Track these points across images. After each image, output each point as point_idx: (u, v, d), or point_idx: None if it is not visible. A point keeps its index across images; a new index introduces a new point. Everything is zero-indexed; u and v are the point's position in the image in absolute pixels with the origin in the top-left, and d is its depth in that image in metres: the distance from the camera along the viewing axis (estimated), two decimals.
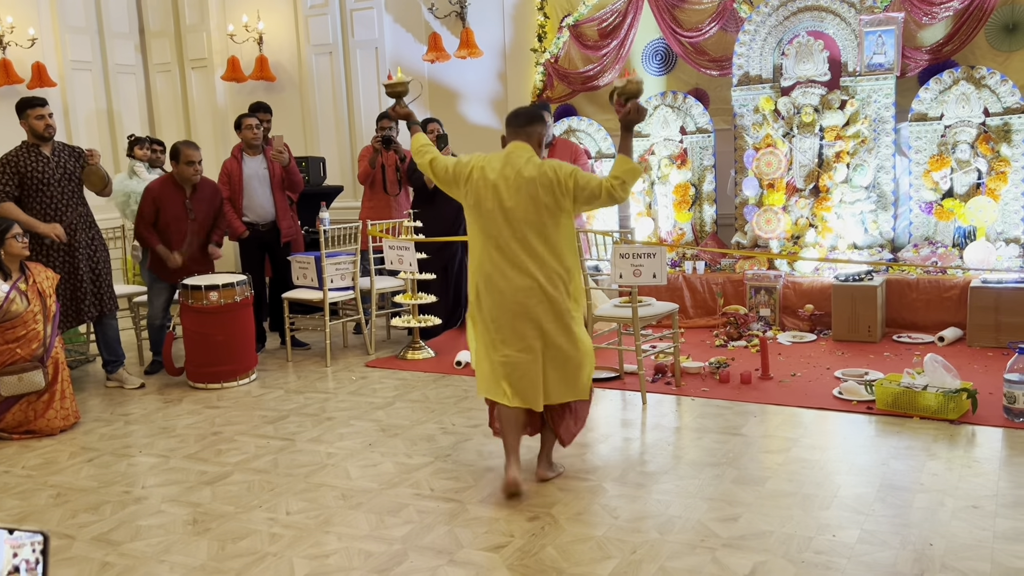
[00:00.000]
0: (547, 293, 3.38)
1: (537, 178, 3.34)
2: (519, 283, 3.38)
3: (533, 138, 3.46)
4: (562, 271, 3.41)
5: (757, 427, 4.22)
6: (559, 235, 3.40)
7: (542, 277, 3.37)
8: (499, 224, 3.40)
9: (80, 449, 4.42)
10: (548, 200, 3.34)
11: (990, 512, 3.13)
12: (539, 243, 3.37)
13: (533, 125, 3.48)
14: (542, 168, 3.36)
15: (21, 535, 0.89)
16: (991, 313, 5.46)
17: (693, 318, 6.43)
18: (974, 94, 5.95)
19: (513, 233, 3.38)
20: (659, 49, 7.20)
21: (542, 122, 3.50)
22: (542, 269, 3.38)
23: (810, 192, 6.41)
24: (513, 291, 3.39)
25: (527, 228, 3.36)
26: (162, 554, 3.14)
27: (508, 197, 3.37)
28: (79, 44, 7.81)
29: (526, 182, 3.34)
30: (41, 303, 4.71)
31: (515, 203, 3.36)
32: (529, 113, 3.54)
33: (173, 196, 5.67)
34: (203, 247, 5.84)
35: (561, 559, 2.94)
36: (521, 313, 3.40)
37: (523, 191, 3.34)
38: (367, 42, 7.96)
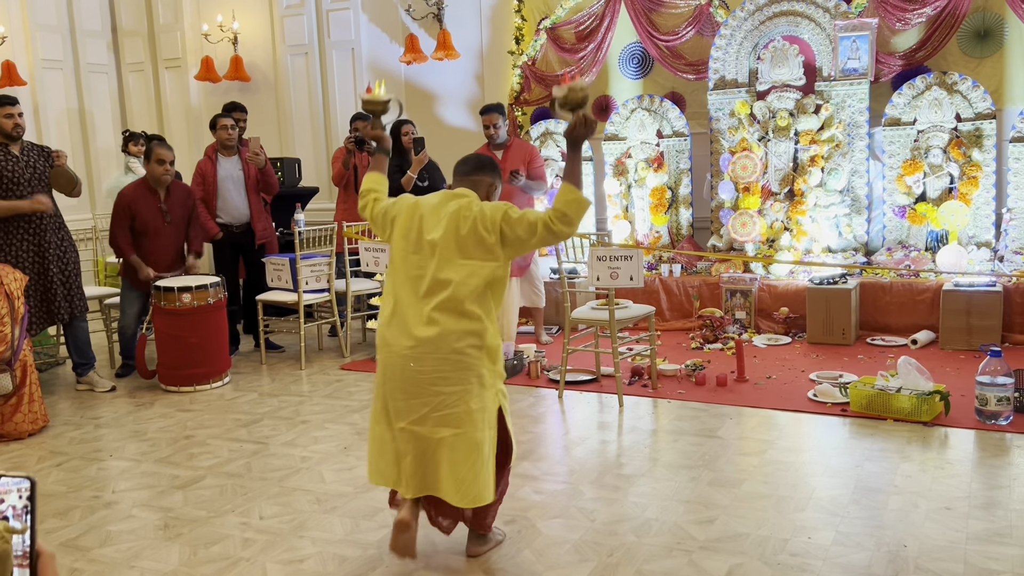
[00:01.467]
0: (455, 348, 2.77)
1: (460, 210, 2.81)
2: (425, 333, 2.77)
3: (480, 187, 2.95)
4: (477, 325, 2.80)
5: (733, 429, 4.23)
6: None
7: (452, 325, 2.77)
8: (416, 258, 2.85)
9: (49, 453, 4.34)
10: (468, 235, 2.77)
11: (963, 513, 3.15)
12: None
13: (481, 174, 2.98)
14: (471, 205, 2.83)
15: (7, 481, 0.87)
16: (963, 316, 5.51)
17: (669, 321, 6.44)
18: (946, 99, 6.02)
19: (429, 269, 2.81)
20: (636, 53, 7.22)
21: (491, 172, 3.00)
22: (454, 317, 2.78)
23: (785, 196, 6.45)
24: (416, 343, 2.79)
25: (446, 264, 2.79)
26: (132, 560, 3.09)
27: (430, 229, 2.83)
28: (50, 42, 7.71)
29: (449, 214, 2.81)
30: (9, 305, 4.62)
31: (438, 235, 2.81)
32: (478, 161, 3.03)
33: (147, 200, 5.59)
34: (179, 254, 5.77)
35: (537, 562, 2.93)
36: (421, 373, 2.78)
37: (445, 222, 2.81)
38: (343, 43, 7.91)
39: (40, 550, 0.87)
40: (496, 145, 6.00)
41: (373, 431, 2.91)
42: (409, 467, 2.80)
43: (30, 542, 0.86)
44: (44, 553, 0.87)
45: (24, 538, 0.86)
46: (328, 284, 6.03)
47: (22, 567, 0.86)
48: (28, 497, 0.87)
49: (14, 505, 0.86)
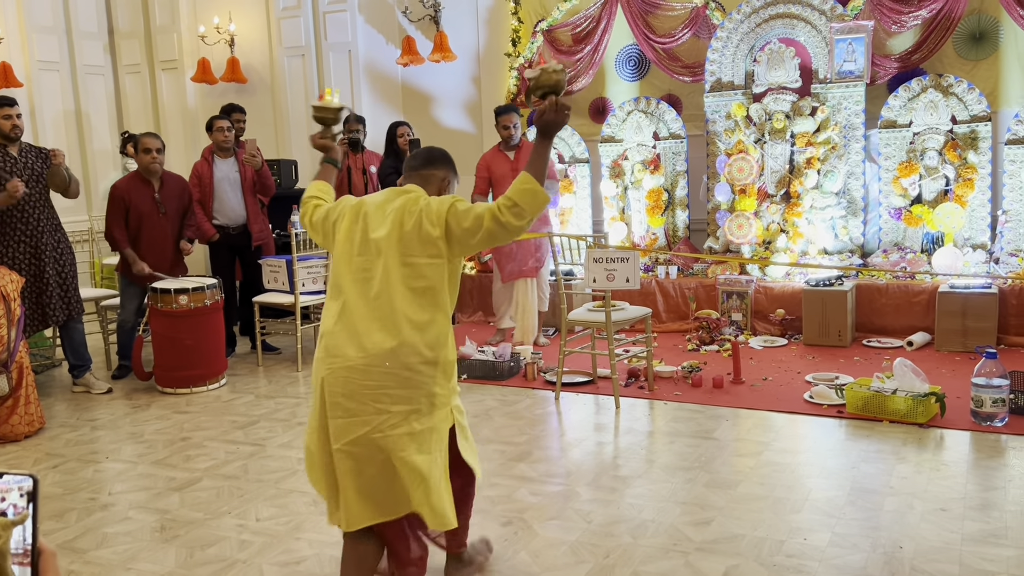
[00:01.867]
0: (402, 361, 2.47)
1: (406, 205, 2.54)
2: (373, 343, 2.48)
3: (431, 183, 2.68)
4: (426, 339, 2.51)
5: (729, 431, 4.24)
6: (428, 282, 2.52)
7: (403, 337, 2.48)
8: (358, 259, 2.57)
9: (45, 455, 4.34)
10: (412, 231, 2.50)
11: (958, 515, 3.16)
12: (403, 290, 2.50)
13: (432, 167, 2.71)
14: (418, 199, 2.57)
15: (8, 479, 0.87)
16: (958, 318, 5.53)
17: (666, 322, 6.45)
18: (942, 102, 6.04)
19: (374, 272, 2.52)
20: (632, 55, 7.23)
21: (444, 165, 2.73)
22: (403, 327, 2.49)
23: (781, 198, 6.46)
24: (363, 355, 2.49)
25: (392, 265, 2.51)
26: (129, 562, 3.09)
27: (375, 227, 2.56)
28: (46, 44, 7.69)
29: (395, 210, 2.54)
30: (5, 307, 4.62)
31: (383, 233, 2.54)
32: (428, 154, 2.76)
33: (141, 191, 5.59)
34: (175, 246, 5.77)
35: (534, 564, 2.93)
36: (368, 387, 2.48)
37: (390, 219, 2.54)
38: (340, 44, 7.91)
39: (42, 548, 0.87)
40: (510, 146, 6.02)
41: (307, 443, 2.65)
42: (352, 497, 2.49)
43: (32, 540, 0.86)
44: (46, 551, 0.87)
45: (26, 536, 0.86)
46: (324, 286, 6.03)
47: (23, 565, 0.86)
48: (29, 493, 0.87)
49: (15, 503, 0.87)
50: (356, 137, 6.31)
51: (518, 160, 5.97)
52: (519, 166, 5.93)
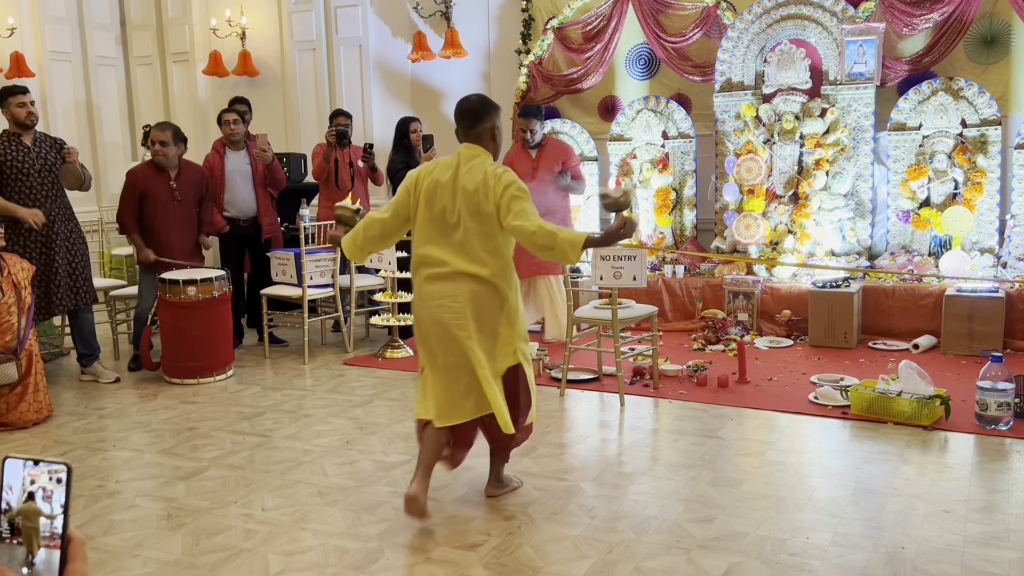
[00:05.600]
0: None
1: (480, 188, 3.15)
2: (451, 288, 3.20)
3: (484, 138, 3.26)
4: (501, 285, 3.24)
5: (733, 430, 4.25)
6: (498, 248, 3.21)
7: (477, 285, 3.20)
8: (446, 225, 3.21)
9: (53, 443, 4.37)
10: (489, 209, 3.15)
11: (961, 517, 3.17)
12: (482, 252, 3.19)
13: (481, 123, 3.25)
14: (485, 177, 3.16)
15: (43, 466, 0.89)
16: (965, 321, 5.52)
17: (672, 322, 6.46)
18: (952, 105, 6.03)
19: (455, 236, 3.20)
20: (643, 54, 7.23)
21: (488, 114, 3.25)
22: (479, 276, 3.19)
23: (789, 199, 6.46)
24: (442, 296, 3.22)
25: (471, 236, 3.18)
26: (135, 548, 3.12)
27: (453, 202, 3.20)
28: (59, 35, 7.73)
29: (470, 193, 3.16)
30: (16, 295, 4.65)
31: (458, 210, 3.18)
32: (473, 112, 3.27)
33: (157, 179, 5.60)
34: (193, 234, 5.78)
35: (537, 558, 2.95)
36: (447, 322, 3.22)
37: (467, 201, 3.17)
38: (351, 39, 7.93)
39: (71, 535, 0.89)
40: (531, 146, 6.05)
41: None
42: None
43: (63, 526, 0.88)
44: (75, 539, 0.90)
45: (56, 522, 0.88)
46: (332, 279, 6.06)
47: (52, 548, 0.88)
48: (63, 482, 0.89)
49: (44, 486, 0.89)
50: (344, 130, 6.30)
51: (539, 159, 6.02)
52: (539, 165, 5.98)
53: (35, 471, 0.89)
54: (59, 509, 0.88)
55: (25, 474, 0.89)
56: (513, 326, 3.23)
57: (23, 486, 0.89)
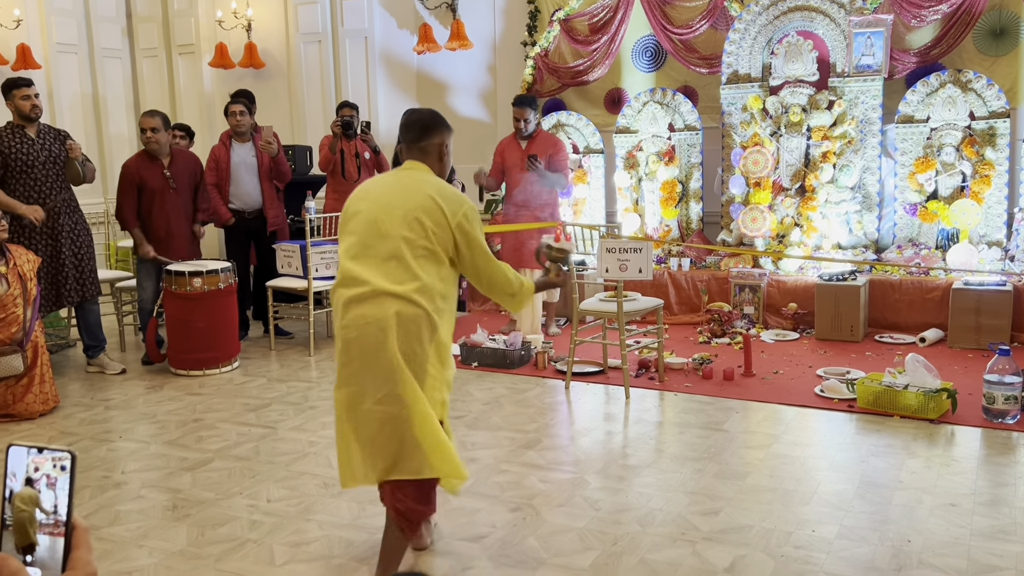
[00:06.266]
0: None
1: (427, 202, 2.64)
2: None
3: (430, 153, 2.77)
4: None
5: (739, 423, 4.24)
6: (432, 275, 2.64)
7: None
8: (368, 234, 2.65)
9: (59, 433, 4.38)
10: (431, 224, 2.63)
11: (968, 510, 3.16)
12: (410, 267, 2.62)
13: (428, 137, 2.76)
14: (440, 192, 2.67)
15: (47, 454, 0.89)
16: (972, 315, 5.50)
17: (677, 314, 6.45)
18: (960, 97, 5.99)
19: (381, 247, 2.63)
20: (649, 46, 7.20)
21: (438, 131, 2.78)
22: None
23: (796, 191, 6.43)
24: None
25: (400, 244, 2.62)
26: (141, 539, 3.13)
27: (388, 212, 2.65)
28: (65, 27, 7.73)
29: (411, 206, 2.64)
30: (21, 286, 4.66)
31: (393, 220, 2.64)
32: (423, 121, 2.79)
33: (151, 168, 5.60)
34: (188, 222, 5.78)
35: (542, 550, 2.95)
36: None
37: (406, 211, 2.64)
38: (357, 31, 7.92)
39: (76, 523, 0.89)
40: (523, 136, 6.03)
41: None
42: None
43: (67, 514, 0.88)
44: (79, 526, 0.89)
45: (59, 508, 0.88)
46: (336, 272, 6.04)
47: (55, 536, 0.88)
48: (67, 469, 0.89)
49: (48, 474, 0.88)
50: (349, 120, 6.28)
51: (529, 150, 5.99)
52: (529, 156, 5.95)
53: (39, 459, 0.89)
54: (63, 497, 0.88)
55: (29, 462, 0.89)
56: (442, 366, 2.66)
57: (27, 474, 0.89)
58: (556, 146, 6.09)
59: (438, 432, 2.59)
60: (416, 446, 2.57)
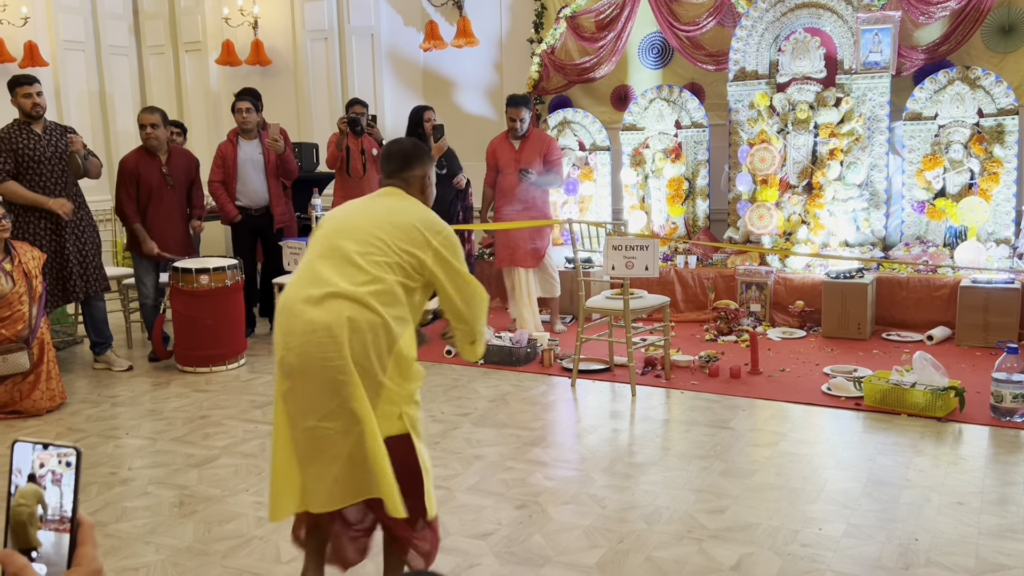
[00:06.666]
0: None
1: (406, 220, 2.45)
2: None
3: (413, 184, 2.59)
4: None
5: (745, 421, 4.23)
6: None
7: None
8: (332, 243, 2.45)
9: (66, 430, 4.39)
10: (405, 242, 2.41)
11: (975, 508, 3.14)
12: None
13: (410, 169, 2.59)
14: (423, 215, 2.50)
15: (53, 450, 0.89)
16: (980, 313, 5.48)
17: (684, 312, 6.43)
18: (969, 94, 5.96)
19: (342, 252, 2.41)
20: (656, 42, 7.19)
21: (420, 162, 2.61)
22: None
23: (803, 189, 6.41)
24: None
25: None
26: (148, 535, 3.13)
27: (359, 218, 2.49)
28: (72, 24, 7.75)
29: (386, 216, 2.46)
30: (27, 284, 4.67)
31: (364, 224, 2.45)
32: (404, 152, 2.62)
33: (149, 165, 5.62)
34: (184, 220, 5.79)
35: (548, 547, 2.94)
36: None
37: (378, 219, 2.46)
38: (363, 28, 7.92)
39: (81, 519, 0.89)
40: (516, 136, 6.01)
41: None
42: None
43: (72, 510, 0.88)
44: (84, 522, 0.89)
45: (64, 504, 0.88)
46: None
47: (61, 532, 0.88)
48: (73, 465, 0.89)
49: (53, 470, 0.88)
50: (356, 117, 6.28)
51: (522, 150, 5.97)
52: (522, 156, 5.94)
53: (44, 455, 0.89)
54: (69, 493, 0.88)
55: (34, 457, 0.89)
56: (403, 379, 2.39)
57: (32, 470, 0.89)
58: (549, 145, 6.04)
59: (385, 456, 2.30)
60: (366, 466, 2.29)
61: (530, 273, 6.04)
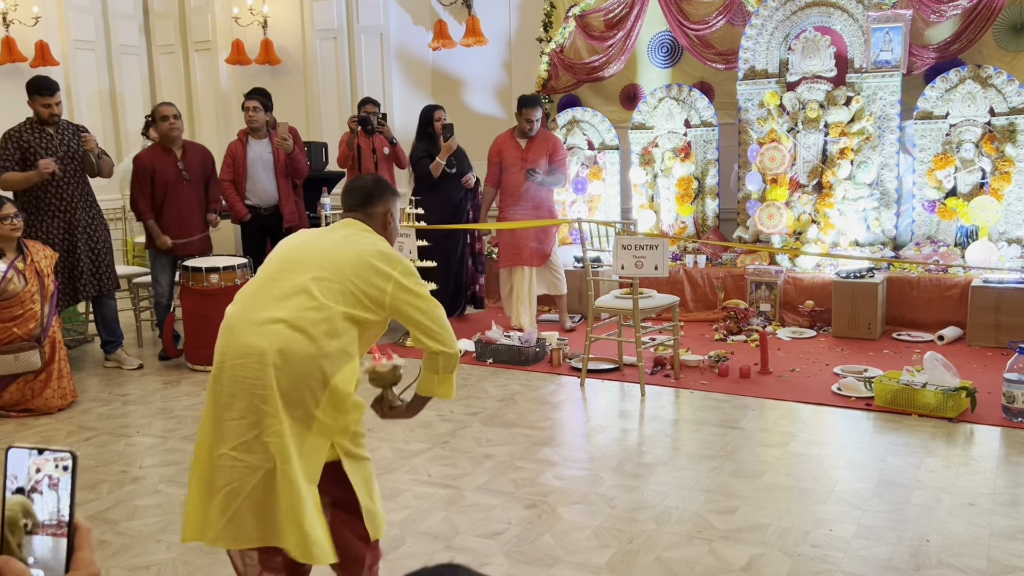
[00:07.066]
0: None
1: (364, 255, 2.34)
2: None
3: (375, 219, 2.51)
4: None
5: (755, 421, 4.22)
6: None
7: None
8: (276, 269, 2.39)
9: (78, 428, 4.41)
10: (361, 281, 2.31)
11: (987, 510, 3.13)
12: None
13: (372, 205, 2.51)
14: (380, 251, 2.38)
15: (48, 454, 0.89)
16: (991, 313, 5.45)
17: (693, 312, 6.42)
18: (980, 93, 5.94)
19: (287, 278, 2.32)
20: (665, 41, 7.17)
21: (383, 198, 2.53)
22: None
23: (813, 188, 6.39)
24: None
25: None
26: (159, 533, 3.14)
27: (307, 253, 2.39)
28: (83, 24, 7.78)
29: (340, 253, 2.36)
30: (39, 283, 4.69)
31: (311, 260, 2.35)
32: (365, 191, 2.54)
33: (164, 160, 5.64)
34: (202, 213, 5.81)
35: (558, 547, 2.94)
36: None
37: (327, 255, 2.35)
38: (372, 28, 7.92)
39: (78, 524, 0.89)
40: (524, 136, 6.02)
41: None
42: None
43: (69, 514, 0.88)
44: (82, 527, 0.89)
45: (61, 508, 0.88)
46: None
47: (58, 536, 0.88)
48: (69, 469, 0.88)
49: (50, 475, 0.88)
50: (367, 116, 6.30)
51: (528, 150, 5.97)
52: (528, 155, 5.95)
53: (40, 460, 0.88)
54: (65, 497, 0.88)
55: (30, 463, 0.88)
56: (338, 413, 2.24)
57: (29, 475, 0.88)
58: (555, 145, 6.07)
59: (299, 504, 2.17)
60: (267, 511, 2.18)
61: (534, 272, 6.05)
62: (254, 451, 2.19)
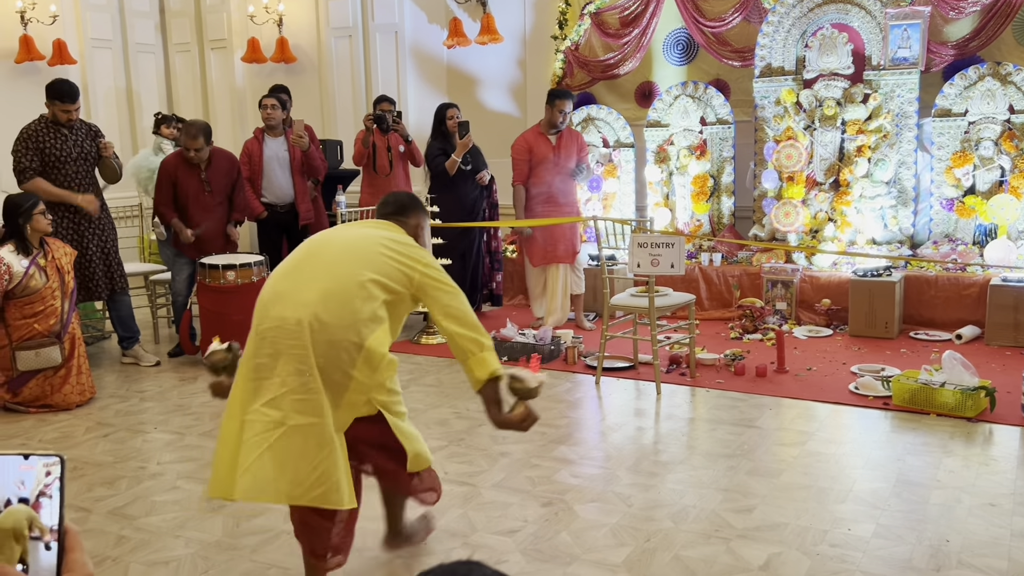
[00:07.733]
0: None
1: (392, 247, 2.55)
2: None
3: (408, 227, 2.69)
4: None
5: (772, 420, 4.21)
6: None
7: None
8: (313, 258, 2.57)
9: (96, 424, 4.44)
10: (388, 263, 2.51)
11: (1007, 510, 3.11)
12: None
13: (405, 216, 2.71)
14: (409, 247, 2.59)
15: (35, 460, 0.88)
16: (1010, 312, 5.41)
17: (708, 310, 6.40)
18: (999, 90, 5.89)
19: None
20: (681, 39, 7.15)
21: (415, 213, 2.74)
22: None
23: (830, 186, 6.36)
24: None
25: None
26: (177, 529, 3.16)
27: (341, 236, 2.63)
28: (99, 22, 7.82)
29: (369, 238, 2.57)
30: (59, 279, 4.73)
31: (343, 242, 2.59)
32: (399, 203, 2.75)
33: (188, 171, 5.65)
34: (223, 224, 5.82)
35: (575, 545, 2.94)
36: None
37: (359, 239, 2.59)
38: (387, 26, 7.93)
39: (67, 527, 0.89)
40: (553, 130, 5.99)
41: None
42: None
43: (59, 519, 0.88)
44: (71, 530, 0.89)
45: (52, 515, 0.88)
46: None
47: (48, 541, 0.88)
48: (57, 475, 0.88)
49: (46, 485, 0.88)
50: (382, 114, 6.31)
51: (559, 145, 5.96)
52: (560, 151, 5.93)
53: (27, 465, 0.88)
54: (55, 502, 0.88)
55: (18, 471, 0.88)
56: (373, 372, 2.46)
57: (15, 485, 0.88)
58: (581, 139, 6.18)
59: (332, 454, 2.38)
60: (286, 466, 2.35)
61: (569, 269, 6.07)
62: (285, 408, 2.37)
